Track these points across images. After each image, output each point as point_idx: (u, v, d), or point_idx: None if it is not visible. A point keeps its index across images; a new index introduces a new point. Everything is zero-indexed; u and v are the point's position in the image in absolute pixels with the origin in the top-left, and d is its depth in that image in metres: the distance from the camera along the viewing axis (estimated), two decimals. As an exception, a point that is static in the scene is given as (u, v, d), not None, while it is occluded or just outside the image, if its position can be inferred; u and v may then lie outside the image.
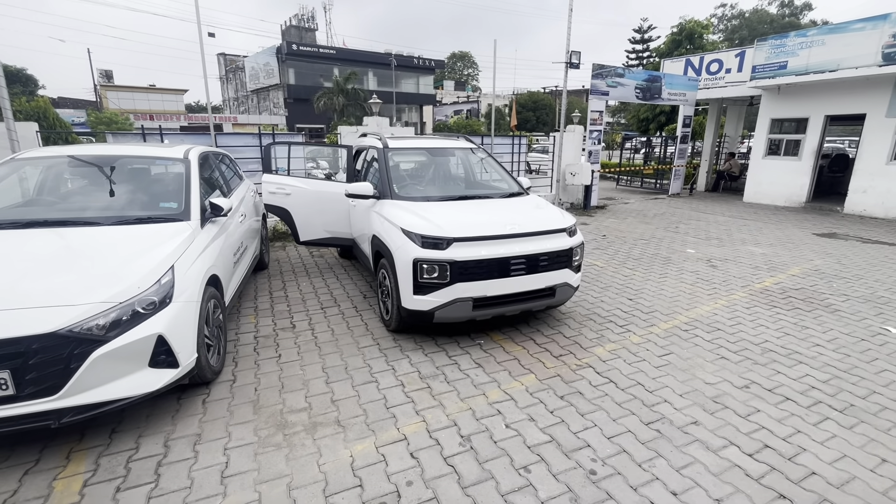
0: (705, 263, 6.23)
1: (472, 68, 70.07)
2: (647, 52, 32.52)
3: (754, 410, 2.82)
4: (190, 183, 3.49)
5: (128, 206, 3.27)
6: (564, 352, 3.57)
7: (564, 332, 3.92)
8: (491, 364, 3.36)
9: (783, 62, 10.78)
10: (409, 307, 3.45)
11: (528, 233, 3.52)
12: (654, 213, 10.48)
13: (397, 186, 4.22)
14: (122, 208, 3.23)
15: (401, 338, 3.77)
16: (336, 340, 3.73)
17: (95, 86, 38.73)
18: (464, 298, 3.37)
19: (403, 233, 3.47)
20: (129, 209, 3.23)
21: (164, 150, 3.91)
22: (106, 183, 3.42)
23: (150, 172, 3.62)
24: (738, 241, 7.59)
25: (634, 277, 5.55)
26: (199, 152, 3.99)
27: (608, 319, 4.24)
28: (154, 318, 2.47)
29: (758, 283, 5.38)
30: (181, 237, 2.97)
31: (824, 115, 10.71)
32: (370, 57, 39.52)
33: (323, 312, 4.34)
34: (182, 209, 3.27)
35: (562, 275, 3.70)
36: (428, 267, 3.31)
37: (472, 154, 5.00)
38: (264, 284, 5.18)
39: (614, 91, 11.06)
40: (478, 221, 3.60)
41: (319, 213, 5.13)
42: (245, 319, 4.17)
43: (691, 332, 3.98)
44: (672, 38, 19.39)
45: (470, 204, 4.03)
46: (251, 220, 4.92)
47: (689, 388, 3.06)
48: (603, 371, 3.27)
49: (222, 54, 51.30)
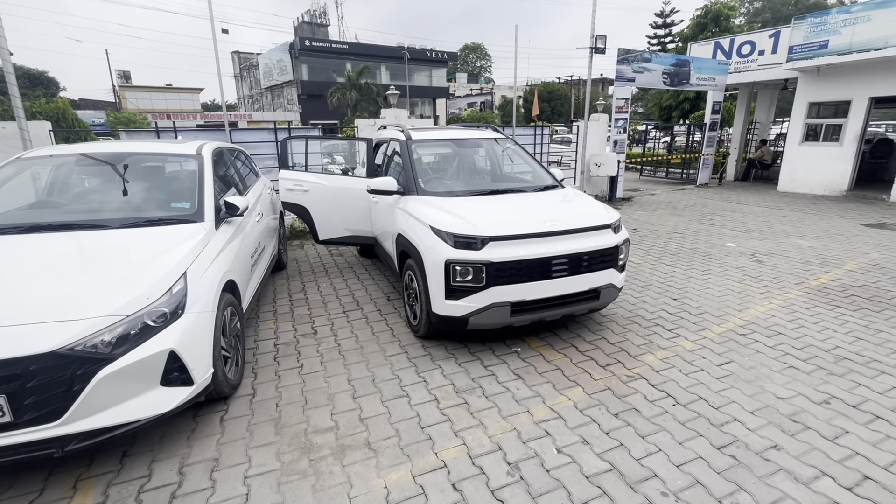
0: (749, 258, 5.79)
1: (485, 60, 69.21)
2: (669, 38, 31.42)
3: (842, 432, 2.46)
4: (203, 181, 3.24)
5: (137, 206, 3.04)
6: (611, 360, 3.24)
7: (608, 338, 3.58)
8: (532, 375, 3.05)
9: (823, 41, 10.10)
10: (441, 313, 3.15)
11: (571, 230, 3.19)
12: (685, 205, 9.98)
13: (423, 181, 3.91)
14: (131, 209, 3.00)
15: (430, 345, 3.49)
16: (361, 348, 3.47)
17: (114, 87, 39.29)
18: (501, 303, 3.06)
19: (433, 231, 3.17)
20: (138, 210, 2.99)
21: (176, 146, 3.68)
22: (114, 182, 3.20)
23: (161, 170, 3.39)
24: (781, 234, 7.10)
25: (675, 275, 5.16)
26: (213, 148, 3.75)
27: (654, 322, 3.88)
28: (165, 331, 2.22)
29: (812, 279, 4.94)
30: (194, 240, 2.73)
31: (869, 97, 10.02)
32: (382, 51, 39.18)
33: (345, 316, 4.08)
34: (195, 209, 3.03)
35: (606, 275, 3.36)
36: (461, 269, 3.00)
37: (500, 145, 4.66)
38: (283, 286, 4.95)
39: (640, 77, 10.54)
40: (514, 218, 3.27)
41: (339, 211, 4.86)
42: (264, 325, 3.94)
43: (749, 336, 3.61)
44: (697, 22, 18.59)
45: (502, 199, 3.71)
46: (268, 218, 4.69)
47: (760, 404, 2.71)
48: (658, 383, 2.94)
49: (236, 52, 51.57)
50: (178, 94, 45.20)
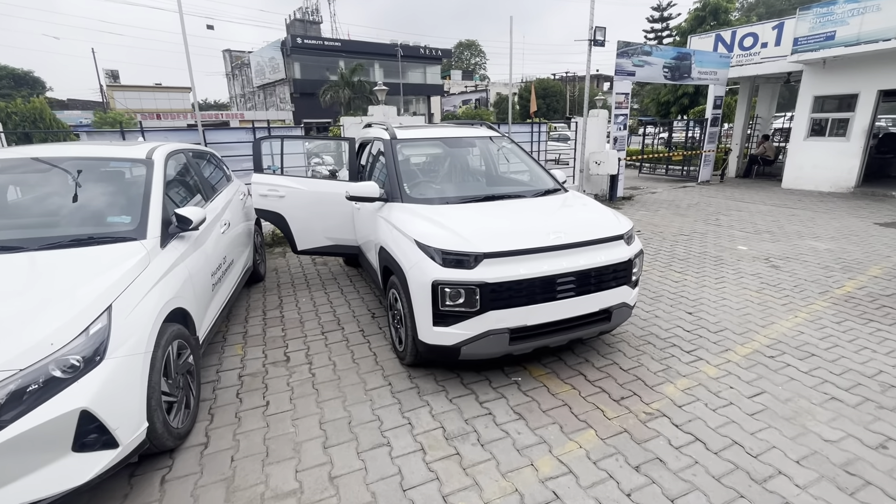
0: (764, 263, 5.38)
1: (480, 57, 68.70)
2: (666, 31, 31.01)
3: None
4: (150, 190, 2.78)
5: (63, 222, 2.57)
6: (626, 392, 2.81)
7: (620, 363, 3.15)
8: (535, 414, 2.61)
9: (830, 32, 9.70)
10: (428, 341, 2.71)
11: (578, 243, 2.75)
12: (688, 204, 9.58)
13: (408, 186, 3.47)
14: (55, 226, 2.53)
15: (418, 375, 3.05)
16: (338, 380, 3.02)
17: (101, 86, 38.48)
18: (498, 330, 2.62)
19: (418, 246, 2.73)
20: (63, 227, 2.53)
21: (124, 149, 3.21)
22: (39, 193, 2.73)
23: (100, 178, 2.92)
24: (794, 235, 6.70)
25: (687, 283, 4.74)
26: (168, 151, 3.28)
27: (670, 343, 3.46)
28: (77, 384, 1.77)
29: (837, 287, 4.53)
30: (129, 263, 2.27)
31: (877, 90, 9.63)
32: (376, 48, 38.57)
33: (324, 339, 3.63)
34: (136, 224, 2.57)
35: (619, 293, 2.93)
36: (451, 291, 2.56)
37: (495, 144, 4.22)
38: (258, 301, 4.49)
39: (641, 71, 10.11)
40: (512, 229, 2.83)
41: (319, 218, 4.41)
42: (230, 350, 3.49)
43: (779, 359, 3.19)
44: (695, 15, 18.19)
45: (498, 206, 3.26)
46: (240, 226, 4.22)
47: (806, 450, 2.29)
48: (683, 423, 2.51)
49: (228, 51, 50.75)
50: (168, 94, 44.42)
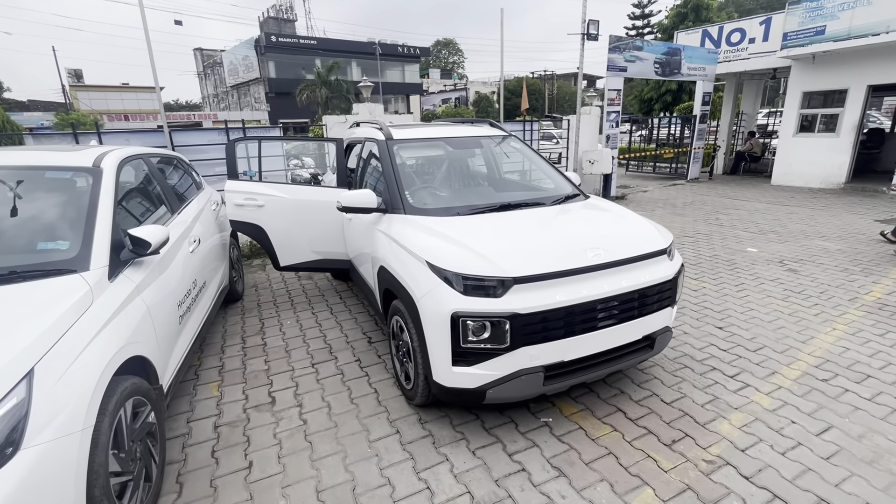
0: (779, 266, 5.10)
1: (458, 56, 68.26)
2: (647, 28, 31.14)
3: None
4: (97, 207, 2.23)
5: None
6: (676, 433, 2.41)
7: (661, 394, 2.76)
8: (577, 468, 2.18)
9: (820, 27, 9.63)
10: (446, 384, 2.25)
11: (620, 261, 2.33)
12: (683, 202, 9.35)
13: (411, 194, 2.99)
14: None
15: (429, 418, 2.58)
16: (336, 427, 2.53)
17: (63, 86, 36.57)
18: (531, 369, 2.18)
19: (431, 269, 2.26)
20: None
21: (66, 156, 2.63)
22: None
23: (32, 193, 2.35)
24: (799, 234, 6.48)
25: (707, 292, 4.40)
26: (122, 157, 2.73)
27: (709, 365, 3.08)
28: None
29: (865, 293, 4.26)
30: (63, 306, 1.74)
31: (867, 86, 9.59)
32: (353, 46, 37.77)
33: (315, 372, 3.13)
34: (77, 252, 2.03)
35: (662, 316, 2.53)
36: (475, 325, 2.11)
37: (504, 144, 3.78)
38: (236, 325, 3.95)
39: (632, 66, 9.84)
40: (543, 247, 2.39)
41: (304, 229, 3.89)
42: (204, 389, 2.96)
43: (834, 382, 2.84)
44: (677, 11, 18.18)
45: (518, 217, 2.81)
46: (213, 241, 3.68)
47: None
48: (753, 474, 2.12)
49: (199, 49, 49.01)
50: (136, 94, 42.53)
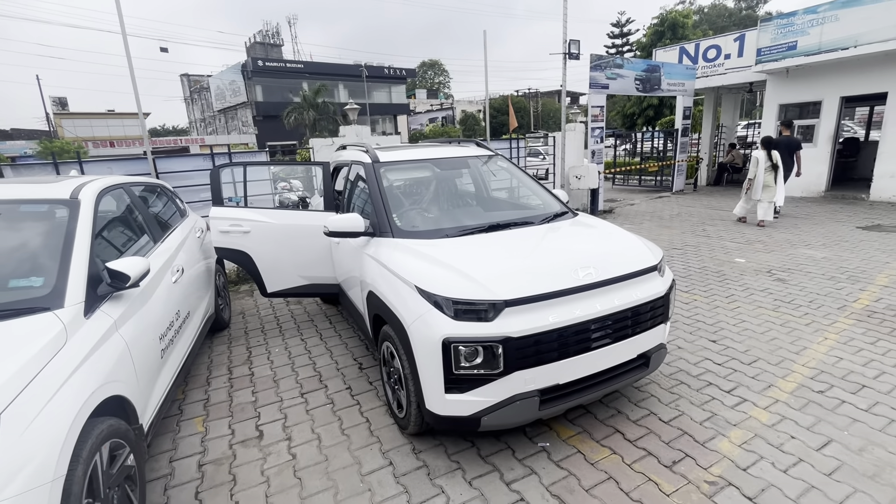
0: (767, 276, 5.14)
1: (443, 76, 69.50)
2: (626, 46, 32.06)
3: None
4: (73, 241, 2.16)
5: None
6: (676, 454, 2.36)
7: (659, 413, 2.71)
8: (578, 496, 2.11)
9: (792, 42, 9.97)
10: (439, 412, 2.18)
11: (611, 279, 2.31)
12: (670, 215, 9.47)
13: (398, 217, 2.96)
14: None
15: (423, 447, 2.50)
16: (326, 462, 2.43)
17: (47, 114, 36.34)
18: (526, 394, 2.12)
19: (421, 294, 2.22)
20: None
21: (42, 188, 2.57)
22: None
23: (8, 227, 2.27)
24: (785, 244, 6.56)
25: (698, 304, 4.40)
26: (101, 188, 2.67)
27: (705, 381, 3.05)
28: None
29: (853, 301, 4.29)
30: (35, 346, 1.66)
31: (840, 97, 9.90)
32: (340, 69, 38.27)
33: (304, 403, 3.03)
34: (51, 288, 1.95)
35: (657, 333, 2.50)
36: (467, 350, 2.06)
37: (490, 164, 3.79)
38: (222, 355, 3.84)
39: (614, 84, 10.07)
40: (533, 268, 2.36)
41: (291, 254, 3.83)
42: (188, 425, 2.84)
43: (830, 394, 2.82)
44: (654, 30, 18.75)
45: (507, 237, 2.79)
46: (198, 268, 3.61)
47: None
48: (757, 495, 2.06)
49: (185, 75, 49.25)
50: (123, 120, 42.39)
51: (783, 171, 7.64)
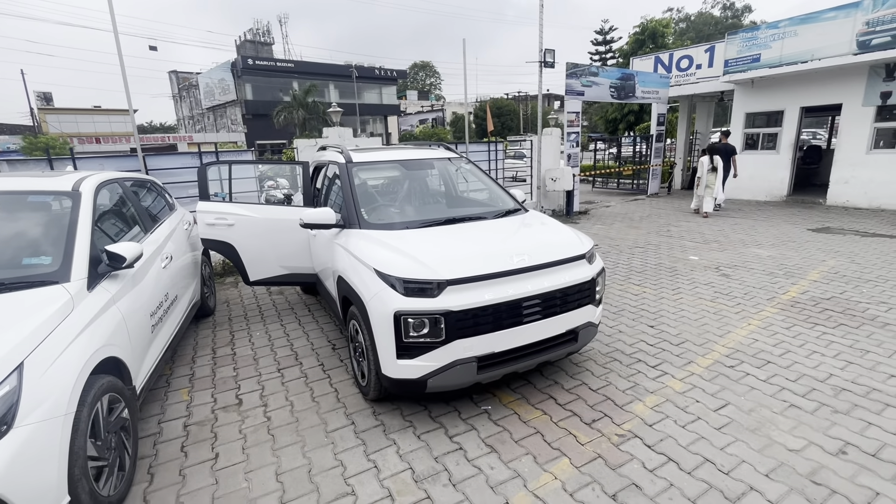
0: (715, 272, 5.62)
1: (435, 77, 69.93)
2: (609, 54, 32.81)
3: (872, 495, 2.08)
4: (76, 226, 2.51)
5: (-33, 267, 2.26)
6: (597, 414, 2.77)
7: (589, 383, 3.12)
8: (507, 445, 2.51)
9: (756, 55, 10.56)
10: (392, 375, 2.57)
11: (542, 264, 2.71)
12: (640, 216, 9.97)
13: (366, 211, 3.34)
14: (-43, 272, 2.22)
15: (383, 411, 2.88)
16: (296, 422, 2.80)
17: (31, 109, 35.92)
18: (465, 359, 2.52)
19: (378, 275, 2.60)
20: (-33, 273, 2.22)
21: (45, 181, 2.90)
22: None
23: (16, 214, 2.61)
24: (738, 243, 7.07)
25: (646, 296, 4.85)
26: (99, 181, 3.00)
27: (635, 358, 3.47)
28: (-24, 462, 1.50)
29: (782, 293, 4.77)
30: (47, 311, 2.00)
31: (800, 107, 10.52)
32: (330, 69, 38.42)
33: (280, 376, 3.39)
34: (58, 266, 2.29)
35: (584, 313, 2.91)
36: (415, 322, 2.44)
37: (453, 165, 4.18)
38: (207, 338, 4.17)
39: (589, 91, 10.56)
40: (475, 253, 2.76)
41: (272, 246, 4.18)
42: (175, 395, 3.18)
43: (739, 368, 3.26)
44: (635, 38, 19.35)
45: (460, 229, 3.19)
46: (185, 258, 3.94)
47: (774, 462, 2.31)
48: (655, 443, 2.48)
49: (174, 72, 48.96)
50: (109, 116, 42.03)
51: (723, 172, 9.56)
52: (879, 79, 9.20)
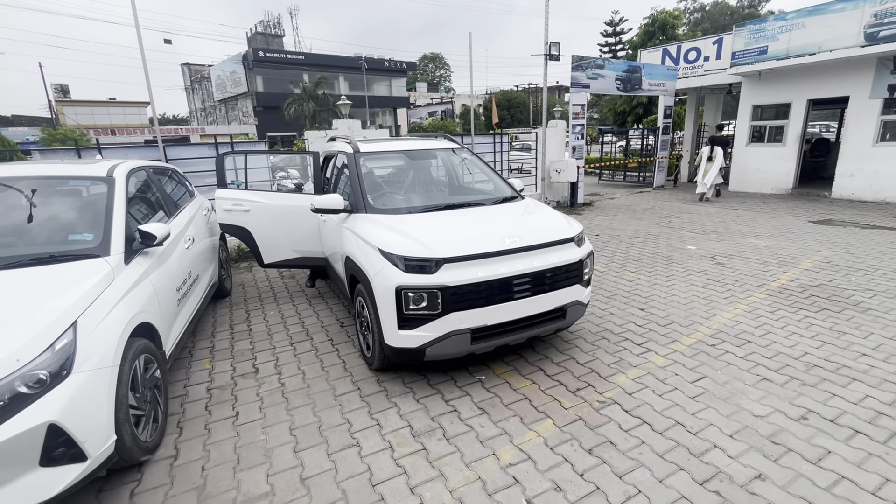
0: (710, 261, 5.79)
1: (444, 69, 69.75)
2: (619, 45, 32.55)
3: (824, 452, 2.31)
4: (112, 207, 2.80)
5: (23, 241, 2.57)
6: (581, 384, 3.02)
7: (577, 357, 3.37)
8: (497, 408, 2.77)
9: (763, 47, 10.55)
10: (394, 345, 2.84)
11: (532, 246, 2.95)
12: (644, 208, 10.10)
13: (372, 197, 3.60)
14: (14, 245, 2.53)
15: (386, 379, 3.15)
16: (308, 388, 3.09)
17: (49, 101, 36.72)
18: (460, 331, 2.77)
19: (382, 254, 2.86)
20: (23, 246, 2.53)
21: (83, 167, 3.20)
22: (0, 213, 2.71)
23: (60, 197, 2.91)
24: (738, 234, 7.21)
25: (640, 282, 5.06)
26: (129, 168, 3.30)
27: (623, 336, 3.71)
28: (44, 399, 1.80)
29: (773, 280, 4.95)
30: (94, 279, 2.30)
31: (807, 100, 10.52)
32: (340, 61, 38.61)
33: (292, 349, 3.69)
34: (99, 241, 2.59)
35: (572, 292, 3.14)
36: (414, 295, 2.70)
37: (455, 155, 4.41)
38: (224, 316, 4.48)
39: (595, 83, 10.66)
40: (470, 235, 3.01)
41: (285, 231, 4.46)
42: (198, 365, 3.49)
43: (719, 346, 3.48)
44: (645, 30, 19.25)
45: (458, 214, 3.44)
46: (204, 242, 4.23)
47: (739, 426, 2.54)
48: (632, 408, 2.72)
49: (186, 64, 49.52)
50: (124, 109, 42.77)
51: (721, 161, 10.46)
52: (887, 71, 9.18)
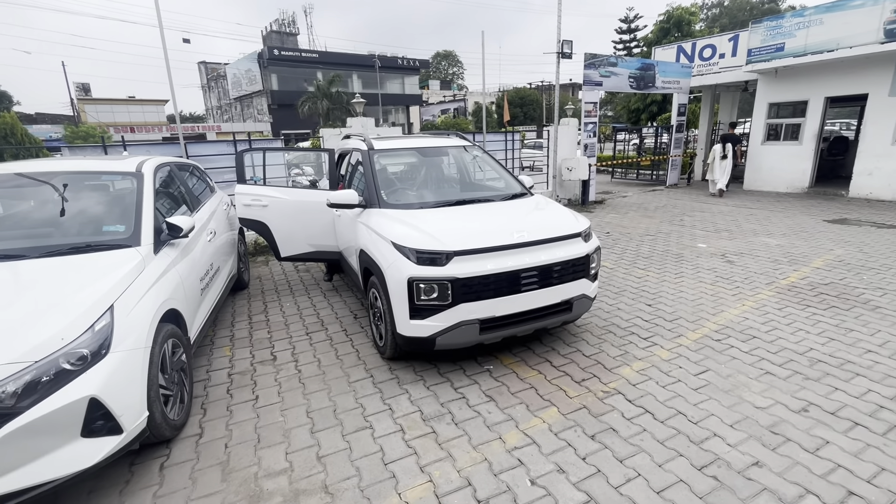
0: (720, 259, 5.81)
1: (457, 67, 69.71)
2: (634, 42, 32.23)
3: (822, 443, 2.37)
4: (142, 201, 2.97)
5: (61, 232, 2.75)
6: (587, 375, 3.11)
7: (583, 350, 3.45)
8: (504, 396, 2.88)
9: (780, 44, 10.42)
10: (406, 334, 2.96)
11: (540, 240, 3.05)
12: (655, 206, 10.08)
13: (385, 192, 3.72)
14: (53, 235, 2.71)
15: (398, 367, 3.28)
16: (323, 374, 3.23)
17: (72, 100, 37.69)
18: (469, 321, 2.89)
19: (395, 247, 2.98)
20: (61, 236, 2.70)
21: (114, 163, 3.38)
22: (36, 206, 2.90)
23: (93, 190, 3.10)
24: (749, 233, 7.19)
25: (648, 279, 5.11)
26: (156, 164, 3.47)
27: (629, 331, 3.78)
28: (85, 375, 1.96)
29: (782, 278, 4.96)
30: (127, 267, 2.46)
31: (824, 97, 10.36)
32: (354, 59, 38.92)
33: (308, 339, 3.84)
34: (131, 232, 2.75)
35: (578, 286, 3.23)
36: (425, 287, 2.82)
37: (467, 152, 4.52)
38: (243, 307, 4.66)
39: (608, 81, 10.64)
40: (480, 230, 3.12)
41: (301, 226, 4.62)
42: (219, 352, 3.66)
43: (725, 342, 3.54)
44: (660, 27, 19.07)
45: (469, 209, 3.55)
46: (224, 235, 4.40)
47: (740, 416, 2.61)
48: (635, 398, 2.81)
49: (203, 63, 50.38)
50: (143, 107, 43.64)
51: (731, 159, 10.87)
52: (908, 68, 9.01)
